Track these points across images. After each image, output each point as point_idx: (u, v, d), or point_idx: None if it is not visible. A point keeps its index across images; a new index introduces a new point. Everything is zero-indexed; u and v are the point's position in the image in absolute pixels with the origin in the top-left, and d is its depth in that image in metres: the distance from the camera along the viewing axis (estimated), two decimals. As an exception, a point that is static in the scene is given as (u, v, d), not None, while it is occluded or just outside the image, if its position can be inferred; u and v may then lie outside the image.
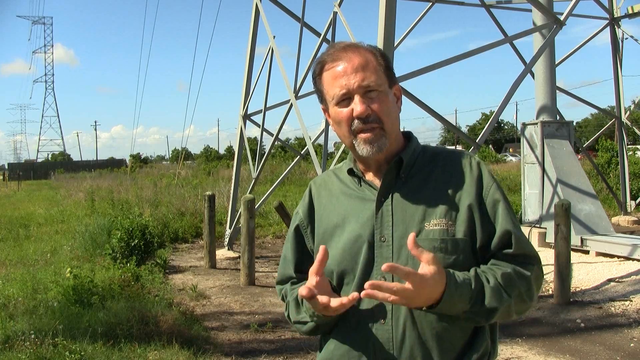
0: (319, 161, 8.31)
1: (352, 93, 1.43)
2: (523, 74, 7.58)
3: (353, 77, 1.43)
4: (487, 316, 1.36)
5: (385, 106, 1.44)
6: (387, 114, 1.45)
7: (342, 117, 1.45)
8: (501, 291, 1.36)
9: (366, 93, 1.43)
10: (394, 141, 1.48)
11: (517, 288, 1.39)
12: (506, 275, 1.38)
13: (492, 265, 1.42)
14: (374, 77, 1.43)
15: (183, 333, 4.99)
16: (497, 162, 35.81)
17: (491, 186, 1.47)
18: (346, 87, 1.43)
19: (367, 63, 1.44)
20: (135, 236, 8.17)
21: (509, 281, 1.38)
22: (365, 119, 1.42)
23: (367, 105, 1.42)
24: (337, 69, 1.45)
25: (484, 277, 1.37)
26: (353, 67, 1.43)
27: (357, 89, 1.42)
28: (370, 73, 1.43)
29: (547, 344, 4.98)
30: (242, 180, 13.78)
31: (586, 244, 8.27)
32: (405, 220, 1.44)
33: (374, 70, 1.44)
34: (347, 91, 1.43)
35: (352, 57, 1.44)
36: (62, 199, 21.41)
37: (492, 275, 1.38)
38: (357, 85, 1.42)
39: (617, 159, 13.47)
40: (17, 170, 53.74)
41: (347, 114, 1.44)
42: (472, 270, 1.38)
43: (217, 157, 57.18)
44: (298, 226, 1.62)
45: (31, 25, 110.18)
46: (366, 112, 1.42)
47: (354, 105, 1.43)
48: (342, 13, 8.45)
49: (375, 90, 1.43)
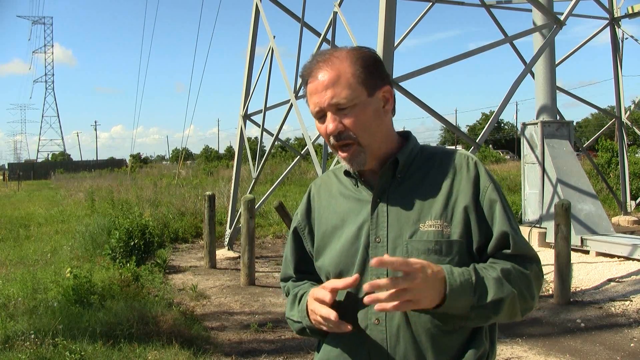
0: (319, 161, 8.31)
1: (325, 110, 1.43)
2: (523, 74, 7.58)
3: (323, 95, 1.41)
4: (494, 309, 1.33)
5: (359, 120, 1.42)
6: (362, 128, 1.42)
7: (322, 133, 1.47)
8: (503, 281, 1.34)
9: (338, 110, 1.42)
10: (377, 149, 1.46)
11: (518, 284, 1.37)
12: (506, 270, 1.37)
13: (491, 263, 1.41)
14: (345, 93, 1.41)
15: (183, 333, 4.99)
16: (497, 161, 35.80)
17: (488, 187, 1.45)
18: (318, 104, 1.43)
19: (337, 78, 1.41)
20: (135, 236, 8.17)
21: (509, 275, 1.36)
22: (338, 135, 1.42)
23: (337, 122, 1.41)
24: (311, 85, 1.45)
25: (483, 271, 1.36)
26: (323, 85, 1.41)
27: (328, 107, 1.42)
28: (340, 89, 1.41)
29: (547, 344, 4.98)
30: (242, 180, 13.79)
31: (586, 244, 8.27)
32: (400, 221, 1.43)
33: (346, 85, 1.41)
34: (320, 109, 1.43)
35: (323, 73, 1.42)
36: (62, 199, 21.42)
37: (492, 269, 1.37)
38: (327, 104, 1.42)
39: (617, 159, 13.47)
40: (17, 170, 53.78)
41: (324, 131, 1.45)
42: (470, 266, 1.37)
43: (217, 157, 57.25)
44: (296, 228, 1.63)
45: (31, 25, 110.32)
46: (337, 129, 1.42)
47: (327, 123, 1.43)
48: (342, 13, 8.46)
49: (347, 107, 1.41)
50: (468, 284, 1.31)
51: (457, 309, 1.31)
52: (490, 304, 1.32)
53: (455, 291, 1.29)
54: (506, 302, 1.34)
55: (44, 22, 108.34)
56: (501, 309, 1.34)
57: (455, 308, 1.31)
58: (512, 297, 1.35)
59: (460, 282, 1.30)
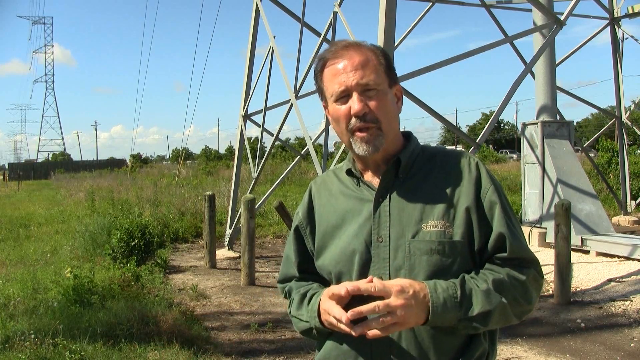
0: (319, 161, 8.31)
1: (351, 90, 1.43)
2: (523, 74, 7.58)
3: (352, 75, 1.42)
4: (482, 321, 1.34)
5: (383, 105, 1.44)
6: (385, 113, 1.44)
7: (340, 115, 1.45)
8: (491, 293, 1.35)
9: (364, 91, 1.43)
10: (391, 141, 1.48)
11: (511, 292, 1.37)
12: (498, 280, 1.37)
13: (485, 271, 1.41)
14: (373, 76, 1.43)
15: (183, 333, 4.98)
16: (497, 161, 35.80)
17: (489, 188, 1.45)
18: (345, 84, 1.43)
19: (367, 61, 1.44)
20: (135, 236, 8.17)
21: (501, 285, 1.37)
22: (363, 117, 1.42)
23: (364, 104, 1.42)
24: (337, 66, 1.45)
25: (472, 283, 1.36)
26: (353, 65, 1.43)
27: (356, 87, 1.42)
28: (369, 71, 1.43)
29: (548, 344, 4.97)
30: (242, 180, 13.79)
31: (586, 244, 8.27)
32: (403, 221, 1.43)
33: (374, 69, 1.44)
34: (346, 88, 1.43)
35: (352, 55, 1.44)
36: (62, 199, 21.42)
37: (483, 280, 1.37)
38: (355, 83, 1.42)
39: (617, 159, 13.47)
40: (18, 170, 53.79)
41: (345, 112, 1.44)
42: (459, 277, 1.37)
43: (217, 157, 57.20)
44: (297, 227, 1.62)
45: (31, 25, 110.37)
46: (363, 110, 1.42)
47: (351, 103, 1.43)
48: (342, 13, 8.45)
49: (373, 89, 1.43)
50: (452, 300, 1.32)
51: (443, 323, 1.33)
52: (478, 316, 1.34)
53: (439, 308, 1.31)
54: (495, 313, 1.35)
55: (44, 22, 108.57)
56: (489, 320, 1.35)
57: (441, 322, 1.33)
58: (501, 308, 1.36)
59: (443, 298, 1.32)
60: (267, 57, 9.92)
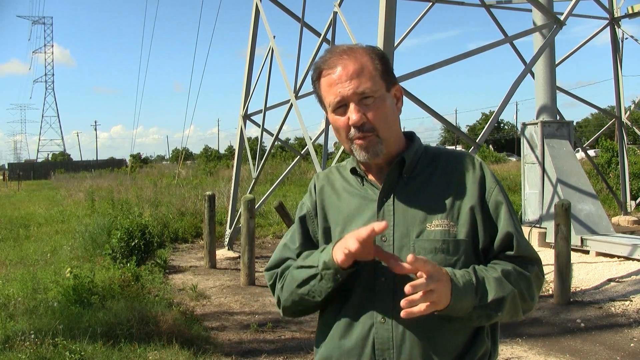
0: (318, 161, 8.30)
1: (347, 100, 1.43)
2: (523, 74, 7.58)
3: (348, 85, 1.42)
4: (496, 308, 1.36)
5: (381, 113, 1.44)
6: (383, 120, 1.44)
7: (339, 125, 1.46)
8: (503, 281, 1.37)
9: (361, 100, 1.42)
10: (392, 144, 1.48)
11: (519, 284, 1.40)
12: (506, 270, 1.40)
13: (493, 264, 1.44)
14: (370, 84, 1.42)
15: (183, 333, 4.98)
16: (497, 162, 35.81)
17: (494, 188, 1.47)
18: (341, 94, 1.43)
19: (362, 69, 1.43)
20: (135, 236, 8.17)
21: (510, 275, 1.40)
22: (361, 127, 1.42)
23: (361, 114, 1.42)
24: (332, 76, 1.44)
25: (484, 272, 1.39)
26: (348, 75, 1.42)
27: (352, 96, 1.42)
28: (365, 79, 1.42)
29: (547, 344, 4.98)
30: (242, 180, 13.78)
31: (586, 244, 8.27)
32: (407, 221, 1.44)
33: (370, 76, 1.43)
34: (342, 99, 1.43)
35: (347, 64, 1.43)
36: (62, 199, 21.41)
37: (493, 269, 1.40)
38: (351, 93, 1.42)
39: (617, 159, 13.47)
40: (17, 170, 53.75)
41: (344, 123, 1.44)
42: (470, 267, 1.39)
43: (217, 157, 57.15)
44: (305, 216, 1.58)
45: (31, 25, 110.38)
46: (361, 120, 1.42)
47: (349, 114, 1.43)
48: (342, 13, 8.45)
49: (370, 97, 1.42)
50: (470, 284, 1.33)
51: (460, 309, 1.33)
52: (492, 303, 1.35)
53: (460, 292, 1.31)
54: (507, 301, 1.37)
55: (43, 22, 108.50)
56: (503, 307, 1.36)
57: (459, 309, 1.33)
58: (513, 296, 1.38)
59: (463, 283, 1.33)
60: (267, 57, 9.92)
